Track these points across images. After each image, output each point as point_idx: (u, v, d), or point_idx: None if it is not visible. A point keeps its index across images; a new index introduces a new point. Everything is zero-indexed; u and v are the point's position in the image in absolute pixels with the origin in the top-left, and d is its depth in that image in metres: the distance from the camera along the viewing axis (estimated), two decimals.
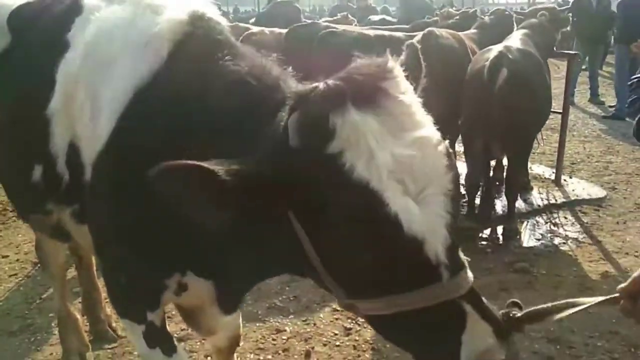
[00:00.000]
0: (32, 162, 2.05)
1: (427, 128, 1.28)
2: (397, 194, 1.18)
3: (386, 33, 6.24)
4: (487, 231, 4.99)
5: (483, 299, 1.31)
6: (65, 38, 1.98)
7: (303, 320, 3.60)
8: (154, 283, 1.85)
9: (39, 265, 3.74)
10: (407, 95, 1.29)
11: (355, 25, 8.31)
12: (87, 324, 3.42)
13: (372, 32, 6.24)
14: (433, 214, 1.22)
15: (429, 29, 5.44)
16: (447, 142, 1.31)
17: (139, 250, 1.77)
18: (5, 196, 3.06)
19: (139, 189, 1.44)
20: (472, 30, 6.19)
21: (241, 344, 3.32)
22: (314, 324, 3.56)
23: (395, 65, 1.31)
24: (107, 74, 1.73)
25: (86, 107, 1.79)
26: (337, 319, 3.60)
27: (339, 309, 3.70)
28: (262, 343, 3.38)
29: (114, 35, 1.81)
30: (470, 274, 1.30)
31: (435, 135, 1.28)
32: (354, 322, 3.53)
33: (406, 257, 1.22)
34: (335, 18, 8.83)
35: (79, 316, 3.26)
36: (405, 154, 1.20)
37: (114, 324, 3.44)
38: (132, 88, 1.66)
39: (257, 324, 3.55)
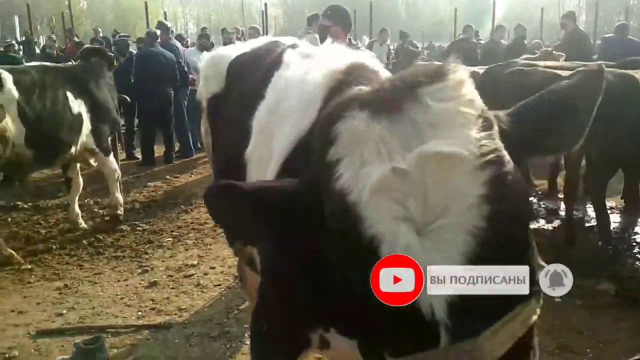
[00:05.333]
0: None
1: (461, 142, 1.00)
2: (385, 215, 0.97)
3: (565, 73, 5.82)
4: None
5: None
6: (264, 90, 2.12)
7: None
8: (293, 337, 1.77)
9: (239, 279, 4.21)
10: (455, 103, 1.07)
11: (563, 61, 7.82)
12: None
13: (554, 71, 5.88)
14: (438, 250, 0.96)
15: (578, 70, 5.11)
16: (508, 168, 1.02)
17: (281, 298, 1.72)
18: None
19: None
20: None
21: None
22: None
23: (452, 70, 1.12)
24: (281, 125, 1.81)
25: (264, 155, 1.90)
26: None
27: None
28: None
29: (293, 90, 1.90)
30: (495, 347, 0.95)
31: (475, 154, 1.00)
32: None
33: (384, 305, 0.98)
34: (537, 54, 8.42)
35: None
36: (411, 170, 0.98)
37: None
38: (295, 137, 1.69)
39: None
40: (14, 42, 13.71)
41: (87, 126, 5.94)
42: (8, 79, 5.24)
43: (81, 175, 6.39)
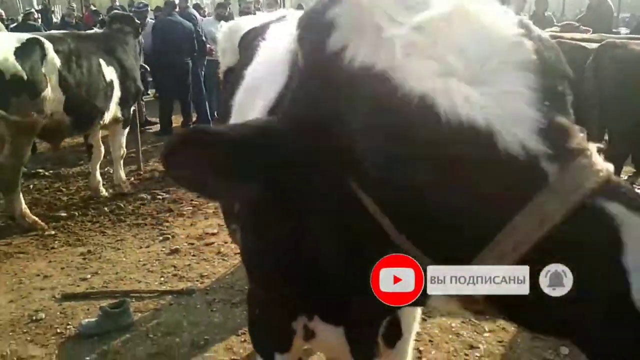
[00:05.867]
0: None
1: None
2: (426, 74, 0.85)
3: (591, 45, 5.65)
4: None
5: None
6: (246, 69, 1.92)
7: (498, 341, 3.50)
8: (281, 323, 1.72)
9: None
10: None
11: (590, 34, 7.64)
12: None
13: (580, 43, 5.74)
14: (501, 92, 0.85)
15: (607, 40, 5.04)
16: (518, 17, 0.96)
17: (267, 283, 1.65)
18: None
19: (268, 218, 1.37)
20: None
21: (432, 352, 3.39)
22: (510, 347, 3.44)
23: None
24: (253, 101, 1.58)
25: None
26: (535, 347, 3.43)
27: (539, 336, 3.52)
28: (454, 356, 3.38)
29: (263, 63, 1.73)
30: (599, 161, 0.85)
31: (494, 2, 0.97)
32: (555, 353, 3.33)
33: (468, 161, 0.84)
34: (562, 25, 8.26)
35: None
36: (437, 22, 0.89)
37: None
38: (264, 109, 1.43)
39: (450, 336, 3.56)
40: (33, 10, 13.69)
41: (117, 94, 6.00)
42: (50, 47, 5.26)
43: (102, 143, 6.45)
